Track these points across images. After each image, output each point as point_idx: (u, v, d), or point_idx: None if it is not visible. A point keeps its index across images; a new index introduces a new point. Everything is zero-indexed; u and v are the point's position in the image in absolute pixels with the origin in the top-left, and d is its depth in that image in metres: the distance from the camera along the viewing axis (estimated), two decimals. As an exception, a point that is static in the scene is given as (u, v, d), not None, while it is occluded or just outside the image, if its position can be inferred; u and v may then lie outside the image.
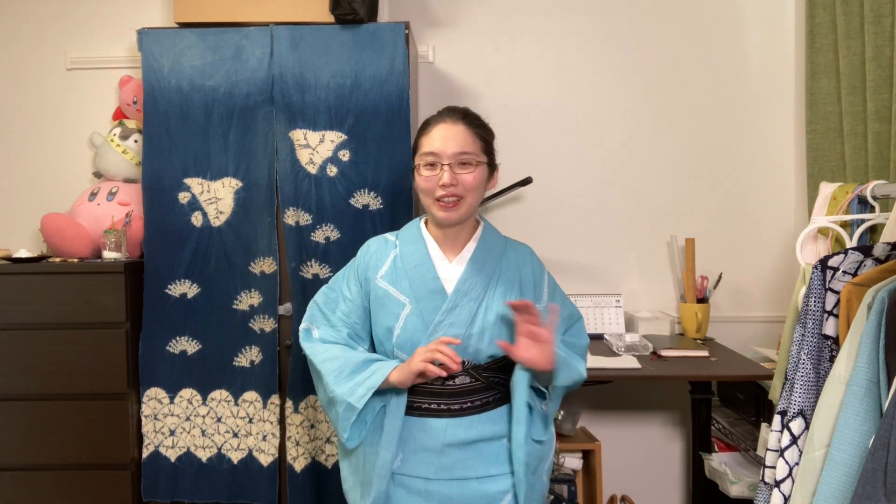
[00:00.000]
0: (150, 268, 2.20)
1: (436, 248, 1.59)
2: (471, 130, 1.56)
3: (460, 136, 1.54)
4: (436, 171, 1.53)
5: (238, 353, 2.21)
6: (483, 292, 1.55)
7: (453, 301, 1.53)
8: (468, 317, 1.53)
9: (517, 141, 2.62)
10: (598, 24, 2.61)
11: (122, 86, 2.46)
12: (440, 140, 1.53)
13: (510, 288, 1.58)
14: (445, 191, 1.51)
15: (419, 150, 1.57)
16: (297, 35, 2.15)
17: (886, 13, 1.99)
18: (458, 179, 1.52)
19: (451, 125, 1.55)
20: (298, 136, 2.15)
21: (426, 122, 1.59)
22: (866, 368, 1.22)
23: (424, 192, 1.55)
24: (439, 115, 1.59)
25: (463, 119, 1.57)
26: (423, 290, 1.55)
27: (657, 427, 2.66)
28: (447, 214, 1.53)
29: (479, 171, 1.55)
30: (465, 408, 1.52)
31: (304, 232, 2.17)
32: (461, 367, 1.45)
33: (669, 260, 2.63)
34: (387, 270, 1.59)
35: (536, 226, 2.62)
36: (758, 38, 2.58)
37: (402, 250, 1.60)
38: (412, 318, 1.54)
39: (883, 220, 1.63)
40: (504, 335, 1.53)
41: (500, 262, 1.61)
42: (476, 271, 1.56)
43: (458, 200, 1.53)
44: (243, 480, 2.21)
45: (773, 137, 2.59)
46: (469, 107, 1.63)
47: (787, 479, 1.41)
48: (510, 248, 1.65)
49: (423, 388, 1.52)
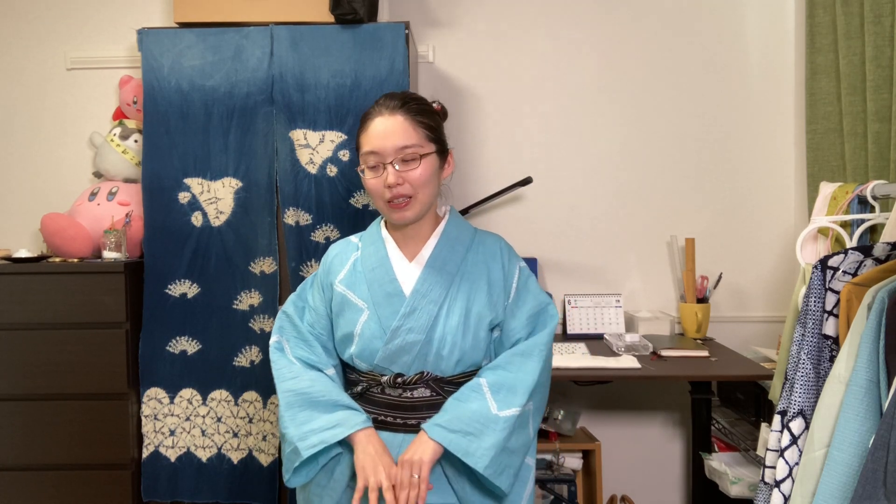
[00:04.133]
0: (150, 268, 2.20)
1: (395, 249, 1.49)
2: (410, 119, 1.42)
3: (400, 129, 1.40)
4: (379, 171, 1.41)
5: (238, 353, 2.21)
6: (444, 293, 1.43)
7: (411, 304, 1.42)
8: (427, 321, 1.41)
9: (517, 141, 2.62)
10: (599, 24, 2.61)
11: (122, 86, 2.46)
12: (379, 136, 1.40)
13: (475, 287, 1.45)
14: (392, 192, 1.40)
15: (360, 150, 1.44)
16: (297, 35, 2.15)
17: (886, 13, 1.99)
18: (404, 177, 1.39)
19: (388, 117, 1.41)
20: (298, 136, 2.15)
21: (364, 115, 1.46)
22: (866, 368, 1.22)
23: (372, 195, 1.44)
24: (376, 107, 1.44)
25: (401, 108, 1.42)
26: (381, 293, 1.44)
27: (657, 427, 2.66)
28: (400, 215, 1.42)
29: (427, 163, 1.41)
30: (421, 424, 1.39)
31: (304, 232, 2.17)
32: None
33: (669, 260, 2.63)
34: (345, 274, 1.49)
35: (536, 226, 2.62)
36: (758, 39, 2.58)
37: (362, 252, 1.51)
38: (370, 323, 1.43)
39: (883, 220, 1.63)
40: (468, 342, 1.43)
41: (465, 258, 1.48)
42: (436, 270, 1.45)
43: (410, 199, 1.41)
44: (243, 480, 2.21)
45: (773, 137, 2.59)
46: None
47: (787, 479, 1.40)
48: (478, 241, 1.52)
49: (380, 398, 1.44)
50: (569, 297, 2.55)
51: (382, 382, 1.44)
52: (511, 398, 1.38)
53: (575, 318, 2.53)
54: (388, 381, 1.43)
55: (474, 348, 1.44)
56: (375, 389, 1.45)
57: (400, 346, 1.41)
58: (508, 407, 1.37)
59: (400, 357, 1.42)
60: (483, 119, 2.61)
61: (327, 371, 1.48)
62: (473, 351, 1.44)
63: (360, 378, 1.48)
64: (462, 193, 2.58)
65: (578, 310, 2.53)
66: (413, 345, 1.41)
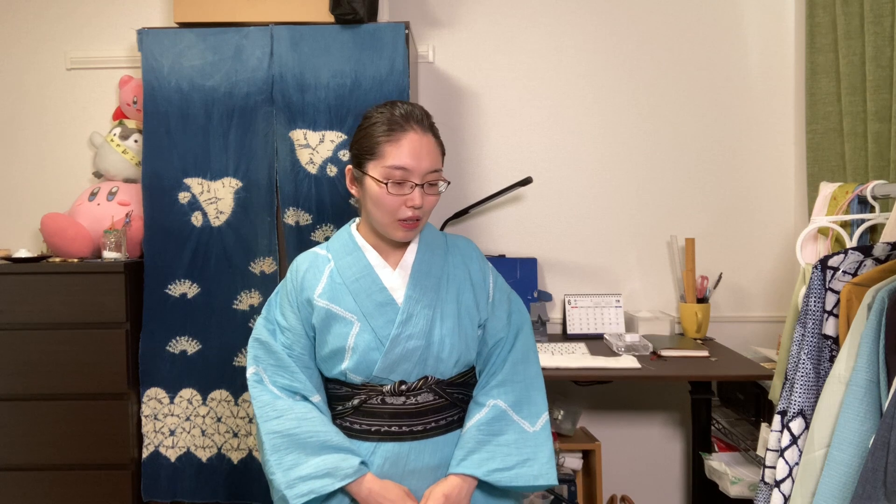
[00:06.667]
0: (150, 268, 2.20)
1: (376, 257, 1.45)
2: (436, 141, 1.41)
3: (432, 151, 1.38)
4: (404, 190, 1.36)
5: (238, 353, 2.21)
6: (436, 297, 1.43)
7: (407, 311, 1.39)
8: (426, 326, 1.40)
9: (517, 141, 2.62)
10: (598, 23, 2.61)
11: (122, 86, 2.46)
12: (413, 154, 1.35)
13: (462, 289, 1.47)
14: (413, 213, 1.36)
15: (383, 158, 1.36)
16: (297, 35, 2.15)
17: (886, 13, 1.99)
18: (423, 200, 1.37)
19: (421, 136, 1.37)
20: (298, 136, 2.15)
21: (390, 123, 1.37)
22: (866, 368, 1.22)
23: (384, 209, 1.37)
24: (406, 121, 1.37)
25: (430, 129, 1.40)
26: (371, 303, 1.40)
27: (657, 427, 2.66)
28: (406, 234, 1.40)
29: (441, 188, 1.41)
30: (428, 429, 1.41)
31: (304, 232, 2.17)
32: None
33: (669, 260, 2.63)
34: (324, 288, 1.43)
35: (536, 226, 2.62)
36: (758, 38, 2.58)
37: (337, 263, 1.45)
38: (364, 335, 1.39)
39: (883, 220, 1.63)
40: (464, 342, 1.44)
41: (446, 260, 1.48)
42: (423, 275, 1.43)
43: (419, 221, 1.40)
44: (243, 480, 2.21)
45: (773, 137, 2.59)
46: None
47: (787, 479, 1.41)
48: (451, 244, 1.52)
49: (382, 409, 1.40)
50: (569, 297, 2.55)
51: (384, 392, 1.41)
52: (535, 408, 1.45)
53: (575, 318, 2.53)
54: (390, 389, 1.40)
55: (469, 348, 1.46)
56: (375, 400, 1.41)
57: (401, 354, 1.40)
58: (538, 417, 1.44)
59: (400, 365, 1.41)
60: (483, 119, 2.61)
61: (313, 399, 1.43)
62: (468, 351, 1.46)
63: (356, 392, 1.43)
64: (462, 193, 2.58)
65: (578, 310, 2.53)
66: (414, 351, 1.40)
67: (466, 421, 1.45)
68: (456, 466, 1.39)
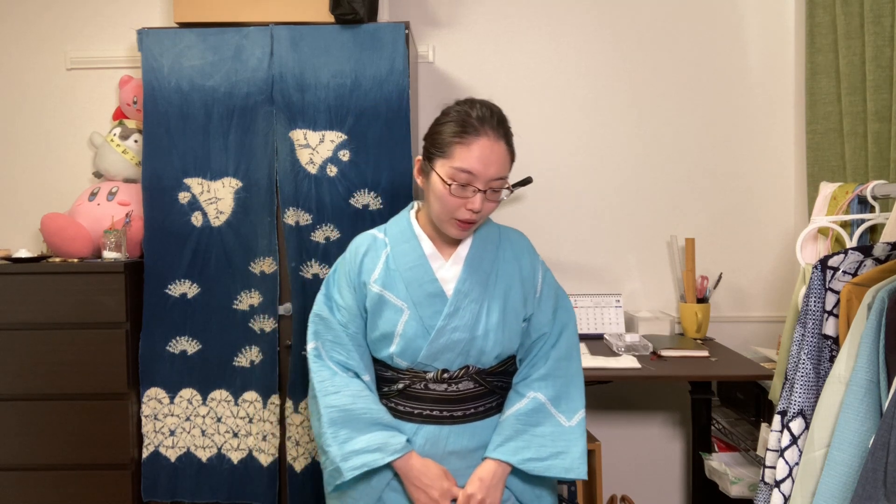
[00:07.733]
0: (150, 268, 2.20)
1: (431, 247, 1.49)
2: (508, 149, 1.42)
3: (501, 159, 1.40)
4: (467, 192, 1.38)
5: (238, 353, 2.21)
6: (483, 291, 1.47)
7: (455, 304, 1.44)
8: (471, 320, 1.45)
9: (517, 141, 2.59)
10: (598, 24, 2.61)
11: (122, 86, 2.46)
12: (482, 160, 1.37)
13: (511, 284, 1.50)
14: (471, 216, 1.40)
15: (451, 159, 1.37)
16: (297, 35, 2.15)
17: (886, 13, 1.99)
18: (484, 206, 1.40)
19: (493, 142, 1.38)
20: (298, 136, 2.15)
21: (465, 125, 1.38)
22: (866, 368, 1.22)
23: (444, 207, 1.40)
24: (480, 124, 1.38)
25: (504, 136, 1.41)
26: (421, 293, 1.45)
27: (657, 427, 2.66)
28: (461, 233, 1.45)
29: (503, 195, 1.44)
30: (467, 414, 1.48)
31: (304, 232, 2.17)
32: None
33: (669, 260, 2.63)
34: (379, 274, 1.48)
35: (536, 226, 2.62)
36: (758, 39, 2.58)
37: (393, 250, 1.49)
38: (412, 323, 1.45)
39: (883, 220, 1.63)
40: (507, 336, 1.48)
41: (497, 255, 1.51)
42: (474, 269, 1.47)
43: (475, 223, 1.44)
44: (243, 480, 2.21)
45: (773, 137, 2.59)
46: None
47: (787, 479, 1.40)
48: (504, 237, 1.55)
49: (425, 394, 1.47)
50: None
51: (427, 378, 1.46)
52: (573, 404, 1.50)
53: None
54: (433, 377, 1.46)
55: (512, 340, 1.50)
56: (418, 385, 1.47)
57: (445, 345, 1.45)
58: (574, 413, 1.49)
59: (444, 354, 1.46)
60: (483, 119, 2.60)
61: (364, 377, 1.49)
62: (511, 343, 1.51)
63: (400, 376, 1.49)
64: (462, 193, 2.58)
65: (578, 310, 2.53)
66: (458, 342, 1.45)
67: (506, 409, 1.50)
68: (493, 451, 1.45)
